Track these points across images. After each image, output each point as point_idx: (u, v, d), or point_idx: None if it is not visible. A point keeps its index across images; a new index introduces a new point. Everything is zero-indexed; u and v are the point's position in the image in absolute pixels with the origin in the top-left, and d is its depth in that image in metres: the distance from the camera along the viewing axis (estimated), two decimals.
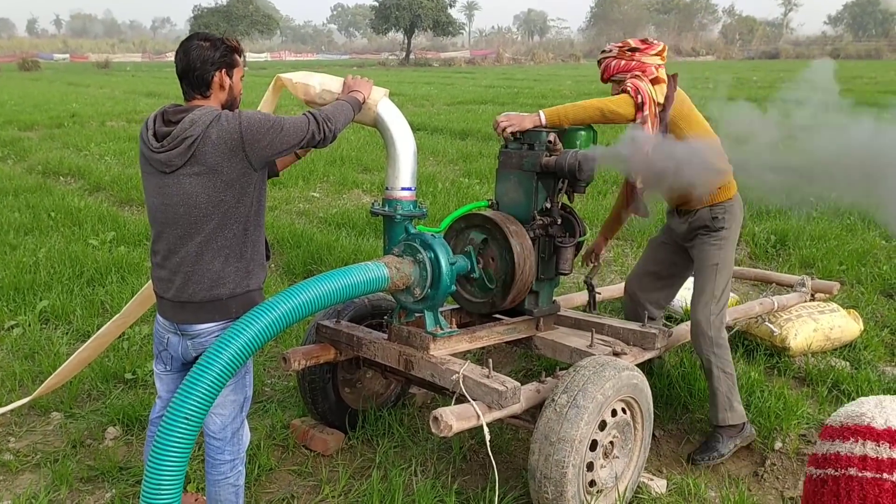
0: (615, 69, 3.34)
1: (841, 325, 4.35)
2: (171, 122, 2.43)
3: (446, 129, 14.19)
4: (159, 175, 2.43)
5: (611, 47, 3.42)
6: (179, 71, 2.48)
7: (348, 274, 2.65)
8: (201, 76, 2.45)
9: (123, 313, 3.39)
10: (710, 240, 3.40)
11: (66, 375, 3.59)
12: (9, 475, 3.25)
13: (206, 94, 2.48)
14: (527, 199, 3.18)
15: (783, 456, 3.36)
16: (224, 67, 2.48)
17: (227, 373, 2.30)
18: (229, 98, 2.55)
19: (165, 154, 2.38)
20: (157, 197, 2.47)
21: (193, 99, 2.49)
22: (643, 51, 3.32)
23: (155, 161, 2.42)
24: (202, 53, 2.44)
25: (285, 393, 3.96)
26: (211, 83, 2.47)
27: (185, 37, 2.57)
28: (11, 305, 5.03)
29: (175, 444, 2.22)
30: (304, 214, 7.91)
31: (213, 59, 2.45)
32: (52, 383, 3.58)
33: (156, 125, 2.45)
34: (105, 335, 3.44)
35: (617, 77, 3.35)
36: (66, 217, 7.39)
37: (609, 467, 2.89)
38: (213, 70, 2.46)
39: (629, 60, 3.32)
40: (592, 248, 3.91)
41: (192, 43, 2.47)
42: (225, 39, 2.52)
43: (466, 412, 2.65)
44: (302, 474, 3.27)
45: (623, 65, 3.32)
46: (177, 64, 2.48)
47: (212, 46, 2.46)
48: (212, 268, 2.46)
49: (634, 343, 3.36)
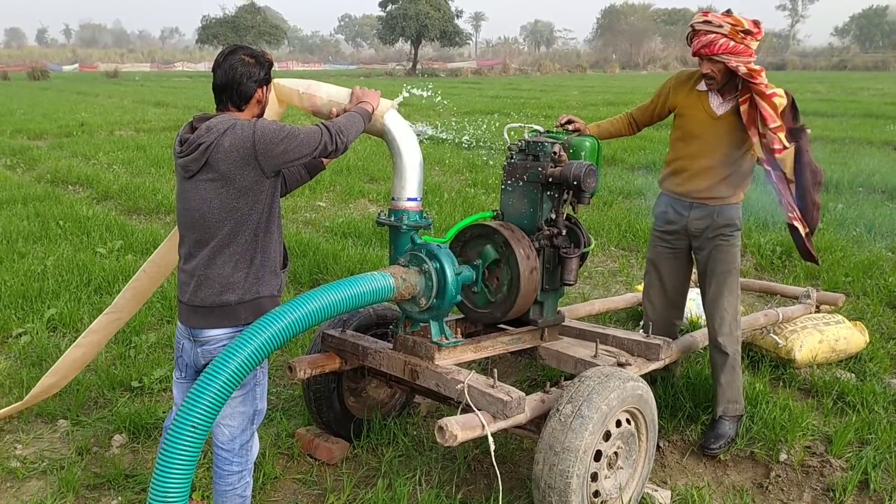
0: (722, 49, 3.17)
1: (846, 336, 4.34)
2: (195, 128, 2.49)
3: (452, 139, 14.23)
4: (183, 180, 2.51)
5: (720, 22, 3.19)
6: (220, 83, 2.50)
7: (355, 284, 2.67)
8: (245, 91, 2.49)
9: (115, 306, 3.32)
10: (735, 240, 3.48)
11: (64, 376, 3.48)
12: (15, 482, 3.27)
13: (243, 108, 2.53)
14: (532, 209, 3.20)
15: (788, 468, 3.35)
16: (265, 84, 2.54)
17: (233, 381, 2.32)
18: (260, 112, 2.60)
19: (184, 159, 2.45)
20: (180, 201, 2.55)
21: (227, 110, 2.53)
22: (754, 35, 3.19)
23: (178, 165, 2.50)
24: (248, 70, 2.48)
25: (290, 402, 3.97)
26: (251, 99, 2.51)
27: (225, 49, 2.55)
28: (20, 313, 5.06)
29: (182, 452, 2.24)
30: (310, 224, 7.95)
31: (257, 76, 2.50)
32: (48, 383, 3.46)
33: (183, 131, 2.51)
34: (98, 331, 3.36)
35: (721, 57, 3.19)
36: (74, 225, 7.44)
37: (613, 478, 2.89)
38: (256, 86, 2.51)
39: (739, 42, 3.17)
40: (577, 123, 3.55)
41: (237, 57, 2.49)
42: (265, 55, 2.55)
43: (471, 422, 2.66)
44: (307, 483, 3.28)
45: (732, 46, 3.16)
46: (217, 77, 2.50)
47: (256, 63, 2.50)
48: (222, 273, 2.49)
49: (639, 354, 3.37)
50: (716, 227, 3.47)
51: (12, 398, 3.95)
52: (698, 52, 3.25)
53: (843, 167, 10.40)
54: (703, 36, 3.21)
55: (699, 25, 3.25)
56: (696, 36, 3.25)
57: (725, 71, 3.25)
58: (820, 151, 12.40)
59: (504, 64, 66.56)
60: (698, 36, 3.24)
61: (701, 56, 3.26)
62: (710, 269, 3.52)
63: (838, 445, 3.43)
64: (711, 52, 3.19)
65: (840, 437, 3.47)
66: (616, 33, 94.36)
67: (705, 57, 3.24)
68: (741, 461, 3.44)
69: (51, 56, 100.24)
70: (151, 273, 3.23)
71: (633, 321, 4.87)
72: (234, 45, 2.62)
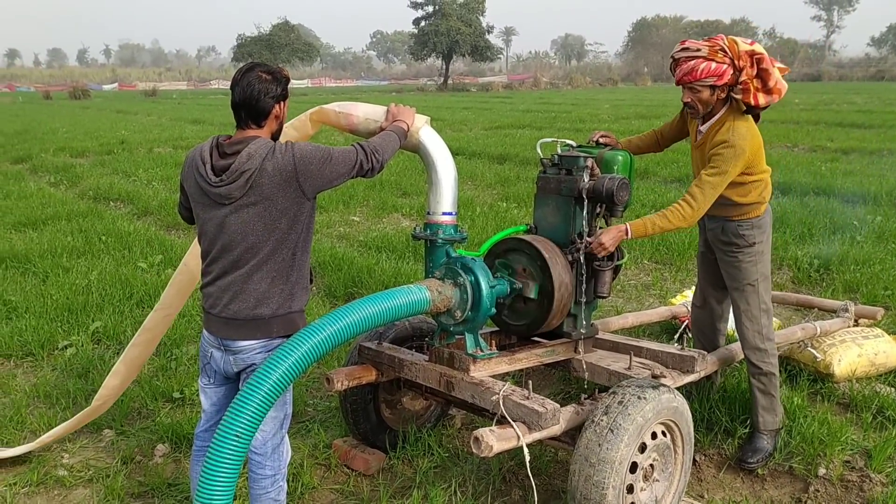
0: (704, 73, 3.15)
1: (886, 350, 4.28)
2: (227, 154, 2.51)
3: (484, 154, 14.31)
4: (217, 207, 2.52)
5: (697, 46, 3.20)
6: (238, 100, 2.54)
7: (392, 297, 2.72)
8: (263, 108, 2.53)
9: (163, 303, 3.40)
10: (745, 257, 3.43)
11: (126, 376, 3.56)
12: (63, 490, 3.38)
13: (261, 124, 2.57)
14: (565, 223, 3.23)
15: (827, 482, 3.32)
16: (282, 100, 2.59)
17: (276, 391, 2.39)
18: (278, 128, 2.65)
19: (226, 188, 2.47)
20: (214, 226, 2.55)
21: (248, 128, 2.57)
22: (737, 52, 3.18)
23: (213, 194, 2.50)
24: (265, 86, 2.52)
25: (327, 413, 4.04)
26: (269, 114, 2.56)
27: (243, 66, 2.62)
28: (65, 326, 5.21)
29: (226, 461, 2.31)
30: (344, 238, 8.05)
31: (274, 93, 2.55)
32: (112, 384, 3.53)
33: (212, 159, 2.53)
34: (151, 328, 3.43)
35: (705, 82, 3.16)
36: (116, 241, 7.64)
37: (649, 490, 2.89)
38: (273, 102, 2.56)
39: (720, 63, 3.14)
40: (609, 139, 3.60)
41: (254, 74, 2.54)
42: (281, 71, 2.62)
43: (507, 433, 2.69)
44: (344, 493, 3.33)
45: (714, 68, 3.15)
46: (235, 94, 2.55)
47: (273, 80, 2.55)
48: (259, 288, 2.55)
49: (673, 366, 3.37)
50: (724, 243, 3.47)
51: (59, 408, 4.08)
52: (681, 81, 3.24)
53: (882, 179, 10.25)
54: (683, 64, 3.20)
55: (678, 54, 3.24)
56: (677, 66, 3.24)
57: (708, 100, 3.22)
58: (857, 163, 12.24)
59: (535, 78, 66.69)
60: (679, 65, 3.22)
61: (683, 84, 3.24)
62: (728, 283, 3.54)
63: (878, 460, 3.39)
64: (694, 79, 3.16)
65: (880, 451, 3.42)
66: (647, 46, 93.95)
67: (686, 85, 3.22)
68: (779, 476, 3.42)
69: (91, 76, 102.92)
70: (192, 266, 3.26)
71: (667, 335, 4.86)
72: (252, 62, 2.66)
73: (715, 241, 3.53)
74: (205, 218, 2.59)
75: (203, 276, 2.70)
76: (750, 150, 3.19)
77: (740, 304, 3.48)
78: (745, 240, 3.41)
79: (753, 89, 3.17)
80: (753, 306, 3.46)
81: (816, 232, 7.45)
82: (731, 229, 3.42)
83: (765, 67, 3.15)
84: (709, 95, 3.20)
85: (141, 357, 3.53)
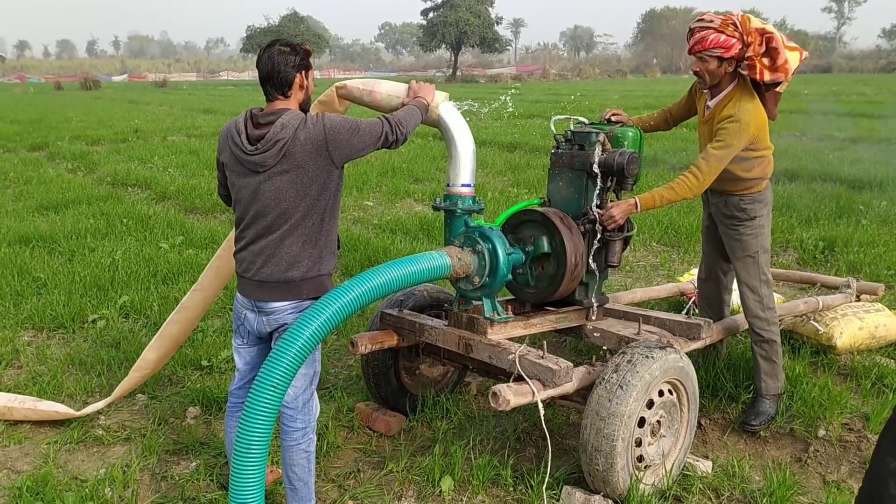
0: (713, 43, 3.33)
1: (886, 323, 4.43)
2: (261, 124, 2.70)
3: (494, 143, 14.45)
4: (252, 174, 2.70)
5: (711, 17, 3.39)
6: (263, 74, 2.73)
7: (415, 262, 2.90)
8: (285, 78, 2.71)
9: (201, 284, 3.56)
10: (746, 230, 3.60)
11: (165, 353, 3.73)
12: (101, 447, 3.58)
13: (288, 95, 2.75)
14: (577, 196, 3.40)
15: (826, 443, 3.49)
16: (303, 69, 2.77)
17: (308, 347, 2.57)
18: (306, 98, 2.83)
19: (261, 156, 2.65)
20: (249, 193, 2.73)
21: (276, 100, 2.75)
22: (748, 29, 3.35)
23: (248, 162, 2.68)
24: (284, 58, 2.71)
25: (349, 381, 4.23)
26: (292, 84, 2.74)
27: (264, 45, 2.81)
28: (94, 301, 5.42)
29: (263, 408, 2.49)
30: (359, 221, 8.23)
31: (294, 63, 2.73)
32: (151, 358, 3.71)
33: (247, 129, 2.71)
34: (189, 307, 3.60)
35: (713, 52, 3.33)
36: (137, 223, 7.84)
37: (656, 445, 3.07)
38: (295, 72, 2.73)
39: (730, 36, 3.32)
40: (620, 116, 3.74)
41: (275, 48, 2.73)
42: (301, 45, 2.80)
43: (523, 389, 2.87)
44: (367, 452, 3.52)
45: (723, 40, 3.32)
46: (260, 69, 2.74)
47: (292, 51, 2.74)
48: (290, 252, 2.73)
49: (680, 334, 3.54)
50: (726, 216, 3.65)
51: (93, 374, 4.28)
52: (692, 50, 3.42)
53: (888, 166, 10.37)
54: (697, 33, 3.39)
55: (694, 24, 3.44)
56: (692, 36, 3.43)
57: (715, 71, 3.39)
58: (866, 152, 12.33)
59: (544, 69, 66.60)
60: (693, 34, 3.41)
61: (693, 53, 3.42)
62: (730, 255, 3.72)
63: (876, 422, 3.55)
64: (703, 48, 3.34)
65: (877, 414, 3.59)
66: (657, 38, 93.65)
67: (696, 54, 3.40)
68: (781, 437, 3.59)
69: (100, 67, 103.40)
70: (231, 250, 3.44)
71: (674, 310, 5.02)
72: (273, 40, 2.85)
73: (718, 214, 3.70)
74: (240, 185, 2.76)
75: (237, 242, 2.87)
76: (755, 125, 3.35)
77: (742, 274, 3.65)
78: (747, 213, 3.57)
79: (760, 66, 3.33)
80: (754, 276, 3.63)
81: (822, 216, 7.59)
82: (734, 203, 3.59)
83: (774, 46, 3.31)
84: (716, 66, 3.37)
85: (181, 334, 3.70)
